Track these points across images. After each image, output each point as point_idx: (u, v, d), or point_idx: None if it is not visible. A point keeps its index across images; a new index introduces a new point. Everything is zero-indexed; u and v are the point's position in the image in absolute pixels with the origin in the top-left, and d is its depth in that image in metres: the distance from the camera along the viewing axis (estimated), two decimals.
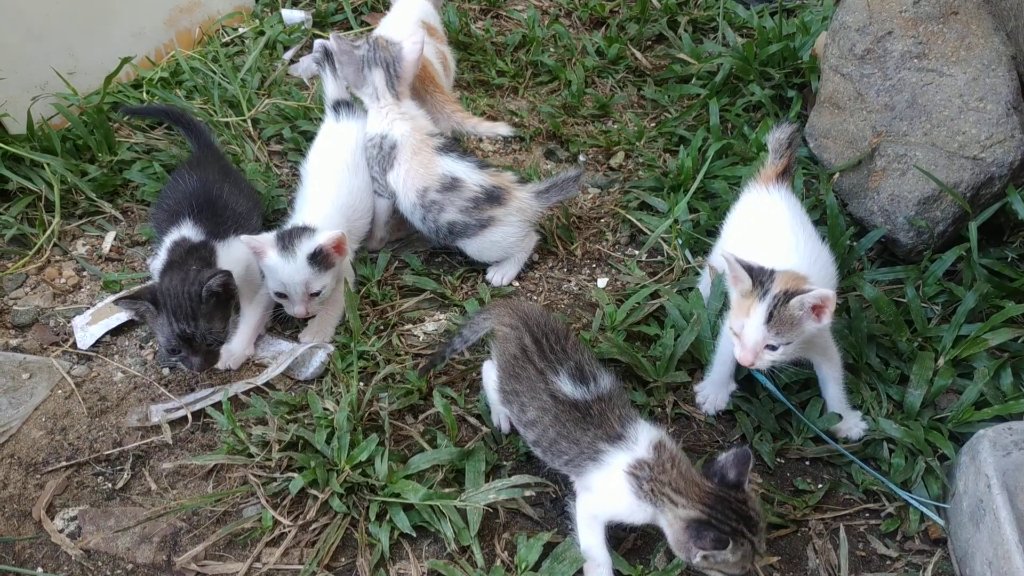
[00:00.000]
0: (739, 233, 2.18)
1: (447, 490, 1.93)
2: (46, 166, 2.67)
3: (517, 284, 2.54)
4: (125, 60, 3.04)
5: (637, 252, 2.66)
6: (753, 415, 2.14)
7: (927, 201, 2.44)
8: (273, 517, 1.91)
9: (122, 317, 2.36)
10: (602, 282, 2.56)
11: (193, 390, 2.21)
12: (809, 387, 2.17)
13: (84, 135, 2.81)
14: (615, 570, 1.81)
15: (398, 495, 1.90)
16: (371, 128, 2.49)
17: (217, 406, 2.14)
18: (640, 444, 1.73)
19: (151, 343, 2.34)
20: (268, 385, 2.21)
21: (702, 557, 1.58)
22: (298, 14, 3.57)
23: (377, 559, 1.85)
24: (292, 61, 3.38)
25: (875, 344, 2.26)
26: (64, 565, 1.86)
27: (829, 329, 2.05)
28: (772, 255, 1.97)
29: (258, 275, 2.34)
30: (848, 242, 2.50)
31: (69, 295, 2.47)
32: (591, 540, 1.79)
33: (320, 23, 3.60)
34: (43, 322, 2.39)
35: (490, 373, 2.00)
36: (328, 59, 2.53)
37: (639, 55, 3.43)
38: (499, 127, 2.65)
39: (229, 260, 2.26)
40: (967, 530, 1.85)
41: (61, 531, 1.92)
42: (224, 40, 3.43)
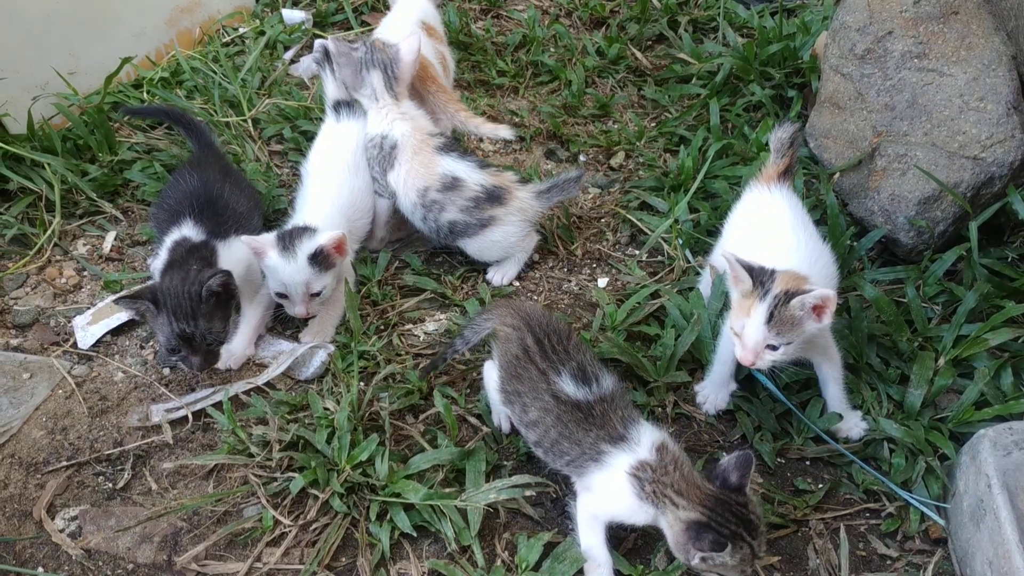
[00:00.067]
0: (740, 232, 2.18)
1: (447, 490, 1.93)
2: (47, 166, 2.67)
3: (517, 284, 2.54)
4: (126, 60, 3.04)
5: (637, 252, 2.66)
6: (754, 415, 2.14)
7: (927, 201, 2.44)
8: (274, 517, 1.91)
9: (123, 317, 2.36)
10: (602, 282, 2.56)
11: (194, 390, 2.21)
12: (809, 387, 2.17)
13: (85, 135, 2.81)
14: (616, 570, 1.81)
15: (399, 495, 1.90)
16: (371, 128, 2.50)
17: (218, 406, 2.14)
18: (642, 445, 1.73)
19: (151, 343, 2.34)
20: (269, 385, 2.21)
21: (700, 559, 1.59)
22: (298, 14, 3.57)
23: (378, 559, 1.85)
24: (292, 61, 3.39)
25: (875, 344, 2.26)
26: (65, 565, 1.87)
27: (830, 329, 2.05)
28: (773, 254, 1.98)
29: (259, 275, 2.33)
30: (848, 242, 2.50)
31: (70, 295, 2.48)
32: (592, 540, 1.79)
33: (320, 23, 3.60)
34: (44, 322, 2.39)
35: (491, 373, 2.00)
36: (328, 60, 2.53)
37: (639, 55, 3.43)
38: (501, 130, 2.65)
39: (230, 260, 2.26)
40: (967, 530, 1.85)
41: (62, 531, 1.92)
42: (224, 40, 3.43)
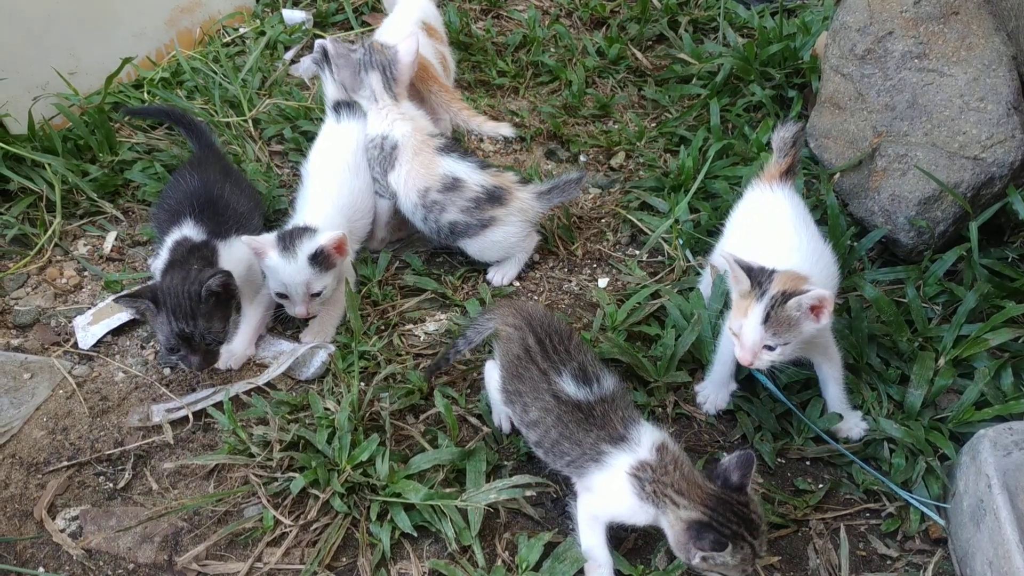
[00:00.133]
0: (742, 231, 2.19)
1: (448, 490, 1.93)
2: (47, 166, 2.67)
3: (518, 284, 2.54)
4: (126, 60, 3.04)
5: (638, 252, 2.66)
6: (754, 415, 2.14)
7: (928, 201, 2.44)
8: (274, 517, 1.91)
9: (123, 317, 2.36)
10: (603, 282, 2.56)
11: (194, 390, 2.22)
12: (810, 387, 2.17)
13: (85, 135, 2.81)
14: (616, 570, 1.81)
15: (399, 495, 1.90)
16: (371, 129, 2.50)
17: (218, 406, 2.14)
18: (643, 446, 1.73)
19: (152, 343, 2.34)
20: (269, 385, 2.21)
21: (701, 558, 1.59)
22: (299, 14, 3.58)
23: (378, 559, 1.85)
24: (293, 61, 3.39)
25: (876, 344, 2.26)
26: (65, 565, 1.87)
27: (830, 329, 2.05)
28: (775, 253, 1.98)
29: (259, 275, 2.34)
30: (849, 242, 2.50)
31: (70, 295, 2.48)
32: (592, 540, 1.79)
33: (321, 23, 3.60)
34: (44, 322, 2.39)
35: (492, 373, 2.00)
36: (326, 61, 2.53)
37: (640, 55, 3.43)
38: (502, 128, 2.65)
39: (231, 260, 2.26)
40: (967, 530, 1.85)
41: (62, 531, 1.92)
42: (225, 40, 3.43)
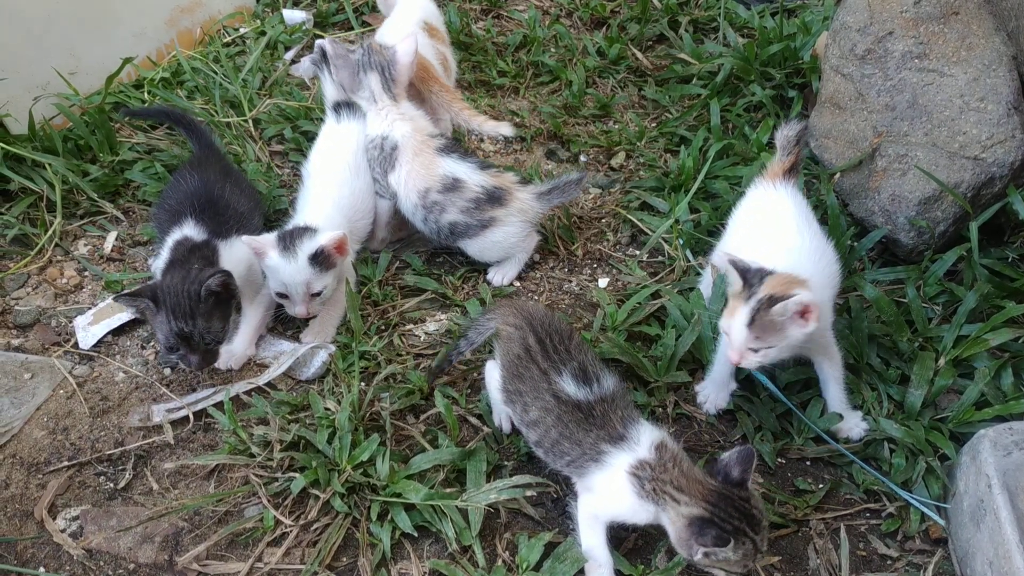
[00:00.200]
0: (745, 228, 2.19)
1: (448, 490, 1.94)
2: (48, 166, 2.67)
3: (518, 284, 2.54)
4: (127, 60, 3.04)
5: (638, 252, 2.66)
6: (754, 415, 2.15)
7: (928, 201, 2.44)
8: (275, 517, 1.91)
9: (123, 317, 2.36)
10: (603, 282, 2.56)
11: (195, 390, 2.22)
12: (810, 387, 2.17)
13: (85, 135, 2.81)
14: (616, 570, 1.81)
15: (399, 495, 1.90)
16: (371, 130, 2.50)
17: (219, 406, 2.14)
18: (642, 444, 1.73)
19: (152, 343, 2.34)
20: (270, 385, 2.21)
21: (703, 554, 1.58)
22: (299, 14, 3.58)
23: (379, 559, 1.85)
24: (293, 61, 3.39)
25: (876, 344, 2.26)
26: (66, 565, 1.87)
27: (830, 329, 2.06)
28: (777, 250, 1.99)
29: (260, 275, 2.34)
30: (849, 242, 2.50)
31: (71, 295, 2.48)
32: (592, 540, 1.79)
33: (321, 23, 3.60)
34: (45, 322, 2.39)
35: (493, 372, 2.00)
36: (325, 61, 2.53)
37: (640, 55, 3.43)
38: (502, 127, 2.65)
39: (231, 260, 2.26)
40: (968, 530, 1.85)
41: (63, 531, 1.92)
42: (225, 40, 3.43)
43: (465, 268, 2.56)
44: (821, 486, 2.04)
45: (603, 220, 2.78)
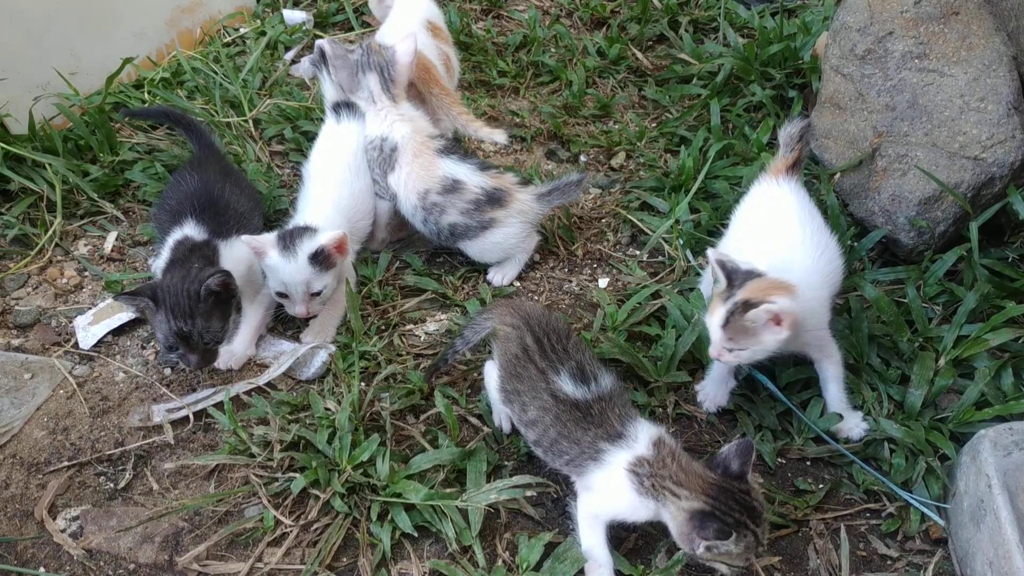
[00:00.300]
0: (747, 225, 2.21)
1: (448, 490, 1.94)
2: (48, 166, 2.67)
3: (518, 284, 2.54)
4: (127, 60, 3.04)
5: (638, 252, 2.66)
6: (754, 415, 2.15)
7: (928, 201, 2.44)
8: (275, 517, 1.91)
9: (124, 317, 2.36)
10: (603, 282, 2.56)
11: (195, 390, 2.22)
12: (810, 387, 2.17)
13: (86, 135, 2.81)
14: (616, 570, 1.81)
15: (399, 495, 1.90)
16: (371, 130, 2.49)
17: (219, 406, 2.14)
18: (640, 442, 1.73)
19: (152, 343, 2.34)
20: (270, 385, 2.22)
21: (705, 548, 1.58)
22: (299, 14, 3.58)
23: (379, 559, 1.85)
24: (293, 61, 3.39)
25: (876, 344, 2.26)
26: (66, 565, 1.87)
27: (828, 328, 2.06)
28: (780, 246, 2.00)
29: (260, 275, 2.34)
30: (849, 242, 2.50)
31: (71, 295, 2.48)
32: (592, 540, 1.79)
33: (321, 23, 3.60)
34: (45, 322, 2.39)
35: (491, 372, 2.00)
36: (324, 61, 2.53)
37: (640, 55, 3.43)
38: (496, 134, 2.64)
39: (232, 259, 2.26)
40: (968, 530, 1.85)
41: (63, 531, 1.92)
42: (225, 40, 3.43)
43: (465, 268, 2.56)
44: (821, 486, 2.03)
45: (603, 220, 2.78)
